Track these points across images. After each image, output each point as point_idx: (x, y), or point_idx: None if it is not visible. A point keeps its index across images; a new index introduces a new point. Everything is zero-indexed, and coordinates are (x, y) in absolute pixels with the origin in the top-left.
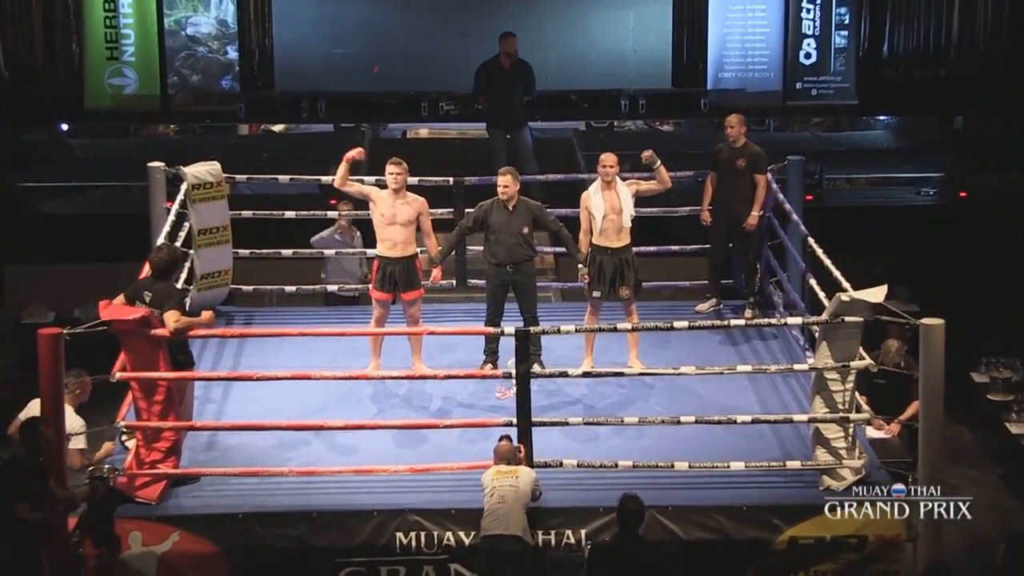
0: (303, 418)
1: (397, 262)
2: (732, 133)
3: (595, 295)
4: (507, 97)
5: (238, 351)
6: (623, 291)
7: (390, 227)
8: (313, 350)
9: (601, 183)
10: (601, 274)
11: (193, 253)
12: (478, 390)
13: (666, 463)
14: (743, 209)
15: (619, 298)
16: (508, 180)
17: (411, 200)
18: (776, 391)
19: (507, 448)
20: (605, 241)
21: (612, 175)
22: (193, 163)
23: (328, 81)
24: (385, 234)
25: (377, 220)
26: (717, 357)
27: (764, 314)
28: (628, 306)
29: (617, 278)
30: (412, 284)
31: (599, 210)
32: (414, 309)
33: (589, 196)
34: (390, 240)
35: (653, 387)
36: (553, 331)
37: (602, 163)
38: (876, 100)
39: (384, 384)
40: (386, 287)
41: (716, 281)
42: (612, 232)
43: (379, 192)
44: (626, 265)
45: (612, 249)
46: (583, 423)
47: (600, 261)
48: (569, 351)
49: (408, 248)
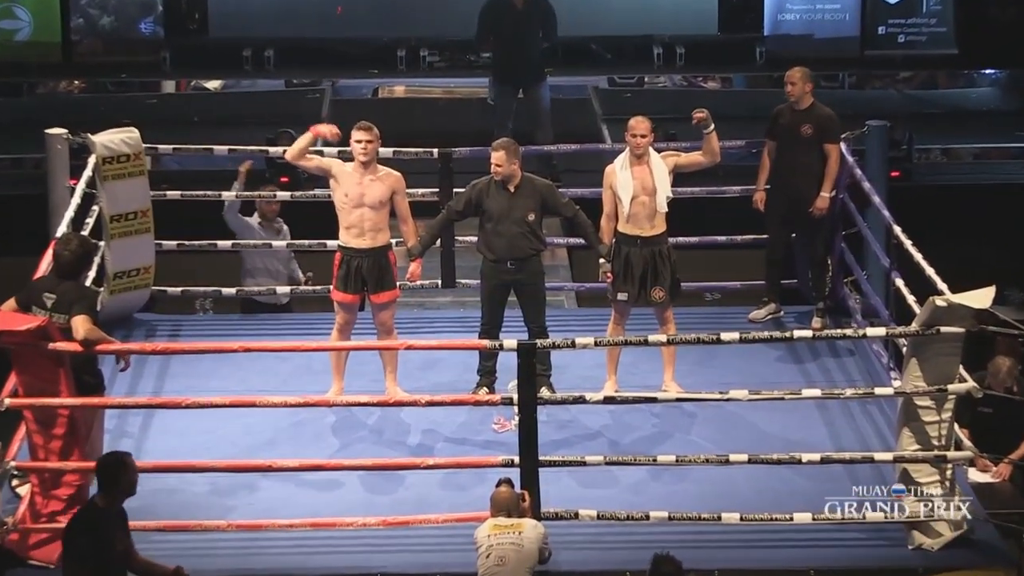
0: (246, 456)
1: (365, 255)
2: (795, 91)
3: (621, 298)
4: (521, 44)
5: (161, 371)
6: (657, 293)
7: (356, 210)
8: (259, 369)
9: (630, 156)
10: (629, 271)
11: (104, 245)
12: (470, 420)
13: (711, 515)
14: (809, 189)
15: (652, 302)
16: (501, 158)
17: (383, 176)
18: (852, 421)
19: (507, 495)
20: (634, 229)
21: (644, 146)
22: (104, 130)
23: (277, 25)
24: (350, 219)
25: (340, 202)
26: (776, 378)
27: (837, 323)
28: (663, 312)
29: (649, 276)
30: (385, 283)
31: (627, 190)
32: (386, 315)
33: (614, 172)
34: (356, 227)
35: (694, 416)
36: (566, 344)
37: (632, 130)
38: (980, 49)
39: (350, 412)
40: (351, 287)
41: (775, 281)
42: (643, 217)
43: (342, 166)
44: (660, 259)
45: (643, 239)
46: (604, 463)
47: (627, 254)
48: (587, 370)
49: (379, 237)
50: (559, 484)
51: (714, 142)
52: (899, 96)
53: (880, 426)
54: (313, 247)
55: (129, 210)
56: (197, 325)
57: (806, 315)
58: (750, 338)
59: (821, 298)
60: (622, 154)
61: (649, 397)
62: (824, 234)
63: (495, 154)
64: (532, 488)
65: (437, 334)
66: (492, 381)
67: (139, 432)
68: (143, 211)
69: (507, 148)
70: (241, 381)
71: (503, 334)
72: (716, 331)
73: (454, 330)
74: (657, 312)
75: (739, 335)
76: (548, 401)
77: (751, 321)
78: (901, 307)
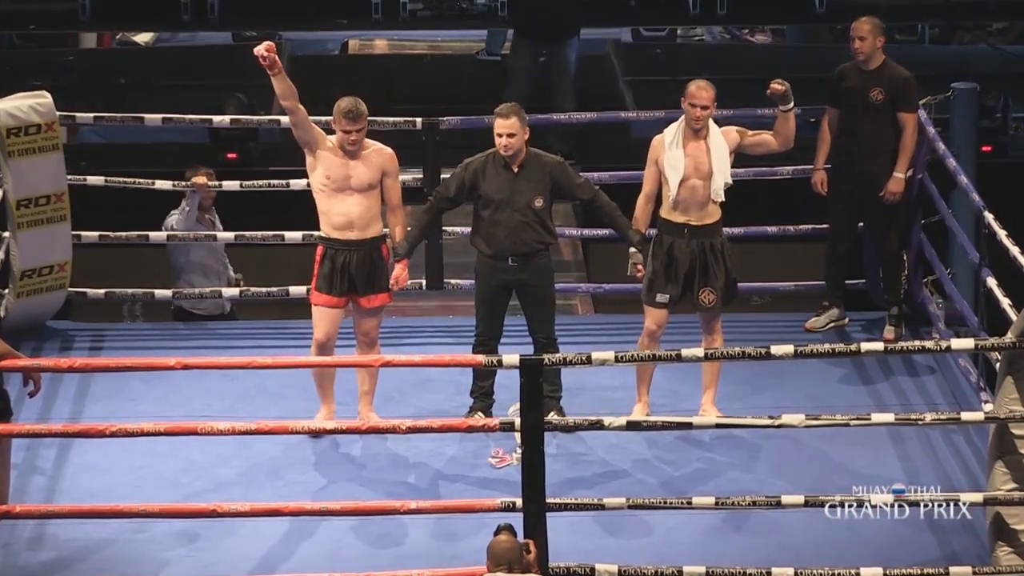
0: (185, 498)
1: (355, 248)
2: (863, 48)
3: (661, 301)
4: None
5: (80, 392)
6: (707, 296)
7: (341, 196)
8: (201, 390)
9: (685, 128)
10: (672, 268)
11: (8, 237)
12: (461, 453)
13: (758, 570)
14: (880, 168)
15: (699, 307)
16: (514, 126)
17: (372, 152)
18: (932, 453)
19: (508, 546)
20: (682, 216)
21: (705, 119)
22: (9, 94)
23: None
24: (334, 207)
25: (319, 184)
26: (840, 400)
27: (914, 334)
28: (712, 321)
29: (698, 275)
30: (377, 284)
31: (676, 169)
32: (372, 324)
33: (663, 146)
34: (342, 215)
35: (739, 448)
36: (580, 361)
37: (691, 98)
38: None
39: (313, 442)
40: (336, 287)
41: (838, 281)
42: (693, 204)
43: (324, 140)
44: (713, 254)
45: (692, 228)
46: (627, 506)
47: (671, 246)
48: (606, 391)
49: (370, 227)
50: (572, 531)
51: (791, 122)
52: (991, 53)
53: (967, 460)
54: (267, 240)
55: (40, 194)
56: (124, 336)
57: (877, 323)
58: (807, 352)
59: (895, 302)
60: (674, 124)
61: (683, 423)
62: (899, 223)
63: (504, 122)
64: (538, 537)
65: (421, 347)
66: (489, 405)
67: (52, 468)
68: (57, 195)
69: (519, 114)
70: (179, 405)
71: (502, 347)
72: (765, 343)
73: (441, 342)
74: (703, 320)
75: (794, 348)
76: (558, 428)
77: (808, 331)
78: (993, 313)
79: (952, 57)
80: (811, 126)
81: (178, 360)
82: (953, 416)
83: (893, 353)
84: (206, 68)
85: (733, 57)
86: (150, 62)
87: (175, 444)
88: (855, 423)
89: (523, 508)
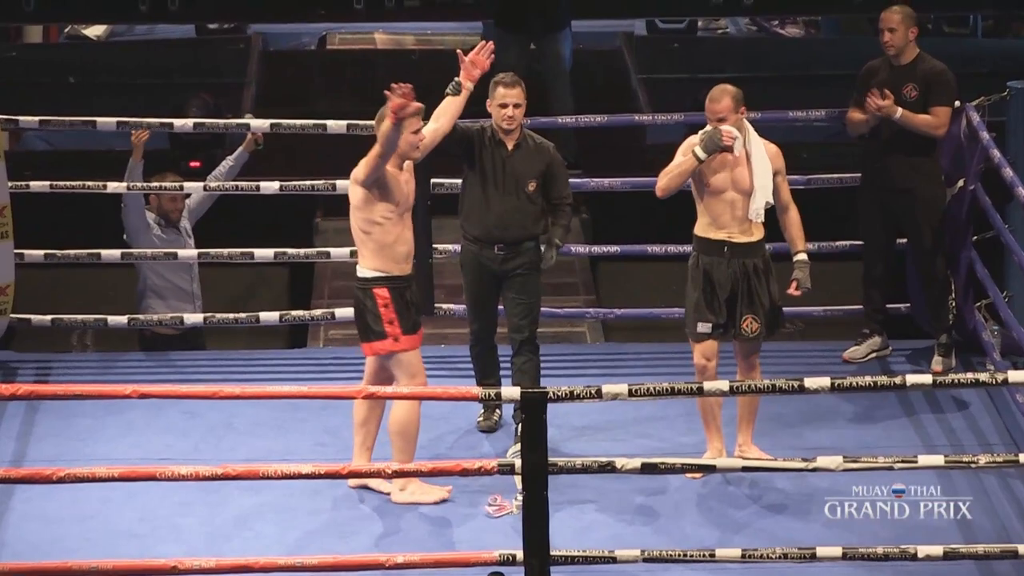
0: (144, 552)
1: (411, 278)
2: (894, 40)
3: (702, 330)
4: None
5: (24, 430)
6: (750, 324)
7: (404, 221)
8: (160, 428)
9: None
10: (712, 292)
11: None
12: (455, 499)
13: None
14: (917, 176)
15: (741, 336)
16: (520, 95)
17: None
18: (987, 500)
19: None
20: (720, 233)
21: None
22: None
23: None
24: (400, 235)
25: (380, 218)
26: (883, 440)
27: (966, 364)
28: (751, 354)
29: (741, 300)
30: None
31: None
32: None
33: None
34: (406, 244)
35: (769, 493)
36: (589, 394)
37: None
38: None
39: (288, 489)
40: (417, 320)
41: (878, 306)
42: (731, 220)
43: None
44: (757, 276)
45: (733, 246)
46: (642, 559)
47: (708, 268)
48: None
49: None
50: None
51: None
52: None
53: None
54: (235, 258)
55: None
56: (73, 367)
57: (924, 353)
58: (845, 385)
59: (943, 329)
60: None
61: (706, 465)
62: (945, 241)
63: (509, 91)
64: None
65: None
66: (494, 408)
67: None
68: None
69: (522, 84)
70: (135, 445)
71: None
72: (799, 375)
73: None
74: (742, 350)
75: (831, 381)
76: (564, 470)
77: (847, 361)
78: None
79: (1008, 52)
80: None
81: (134, 388)
82: (1011, 458)
83: (942, 387)
84: (166, 65)
85: (761, 52)
86: (102, 59)
87: (131, 490)
88: (899, 466)
89: (524, 561)
